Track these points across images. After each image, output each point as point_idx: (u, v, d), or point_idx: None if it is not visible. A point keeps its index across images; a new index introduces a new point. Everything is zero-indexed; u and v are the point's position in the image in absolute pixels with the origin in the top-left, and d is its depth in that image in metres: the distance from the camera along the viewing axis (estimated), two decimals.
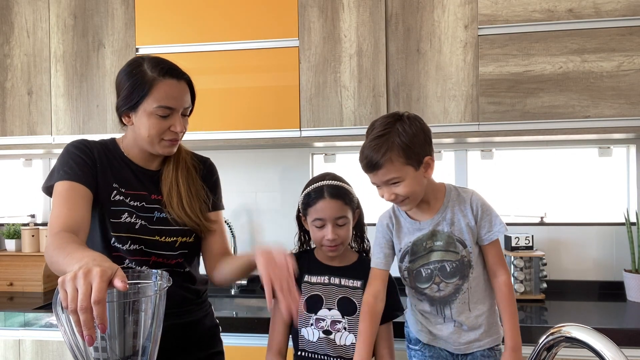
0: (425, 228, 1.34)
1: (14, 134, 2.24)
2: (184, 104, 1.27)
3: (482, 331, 1.35)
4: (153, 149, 1.27)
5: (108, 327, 0.78)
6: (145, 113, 1.23)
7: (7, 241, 2.42)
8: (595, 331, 0.59)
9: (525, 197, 2.31)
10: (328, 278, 1.43)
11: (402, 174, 1.25)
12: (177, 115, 1.25)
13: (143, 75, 1.22)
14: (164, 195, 1.31)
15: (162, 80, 1.22)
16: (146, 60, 1.25)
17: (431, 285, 1.34)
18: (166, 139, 1.26)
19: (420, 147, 1.26)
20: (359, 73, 2.01)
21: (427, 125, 1.31)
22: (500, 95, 1.93)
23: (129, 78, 1.24)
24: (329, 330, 1.39)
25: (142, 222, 1.27)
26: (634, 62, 1.86)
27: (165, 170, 1.34)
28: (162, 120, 1.23)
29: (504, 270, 1.33)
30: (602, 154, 2.25)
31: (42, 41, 2.22)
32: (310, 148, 2.39)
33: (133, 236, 1.26)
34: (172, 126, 1.25)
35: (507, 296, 1.32)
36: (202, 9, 2.10)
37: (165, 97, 1.22)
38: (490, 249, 1.33)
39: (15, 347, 1.97)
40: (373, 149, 1.25)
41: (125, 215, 1.25)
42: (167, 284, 0.88)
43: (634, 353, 1.60)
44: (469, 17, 1.95)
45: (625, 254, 2.14)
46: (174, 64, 1.29)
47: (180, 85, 1.26)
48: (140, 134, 1.26)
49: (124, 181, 1.29)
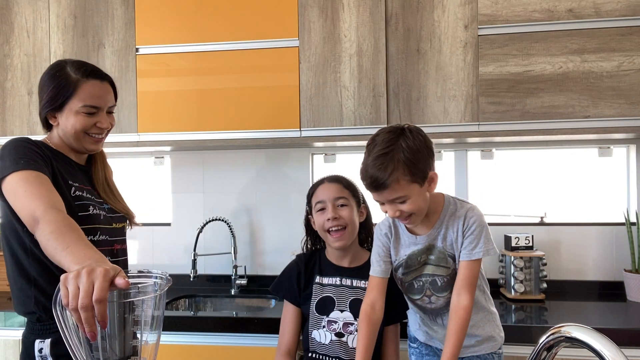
0: (420, 243, 1.32)
1: (14, 134, 2.24)
2: (108, 102, 1.34)
3: (478, 339, 1.35)
4: (79, 144, 1.33)
5: (108, 327, 0.78)
6: (72, 112, 1.29)
7: None
8: (595, 331, 0.59)
9: (525, 197, 2.31)
10: (340, 279, 1.43)
11: (408, 192, 1.21)
12: (102, 113, 1.33)
13: (67, 77, 1.28)
14: (100, 190, 1.40)
15: (86, 81, 1.29)
16: (69, 63, 1.31)
17: (422, 297, 1.34)
18: (92, 134, 1.32)
19: (424, 163, 1.23)
20: (359, 73, 2.01)
21: (429, 136, 1.27)
22: (500, 95, 1.93)
23: (52, 80, 1.29)
24: (341, 333, 1.38)
25: (103, 212, 1.35)
26: (634, 62, 1.86)
27: (94, 167, 1.43)
28: (88, 117, 1.30)
29: (470, 295, 1.25)
30: (602, 154, 2.25)
31: (42, 41, 2.22)
32: (310, 148, 2.39)
33: (100, 227, 1.32)
34: (98, 122, 1.32)
35: (461, 322, 1.23)
36: (202, 9, 2.10)
37: (90, 97, 1.29)
38: (464, 267, 1.26)
39: (15, 347, 1.97)
40: (378, 168, 1.20)
41: (91, 208, 1.31)
42: (167, 283, 0.88)
43: (634, 353, 1.60)
44: (469, 17, 1.95)
45: (625, 254, 2.14)
46: (96, 66, 1.36)
47: (104, 85, 1.33)
48: (67, 131, 1.31)
49: (75, 176, 1.33)
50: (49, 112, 1.31)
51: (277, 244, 2.40)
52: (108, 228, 1.35)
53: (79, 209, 1.28)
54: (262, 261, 2.43)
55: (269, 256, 2.42)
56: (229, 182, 2.46)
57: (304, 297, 1.44)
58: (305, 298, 1.43)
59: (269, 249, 2.42)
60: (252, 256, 2.43)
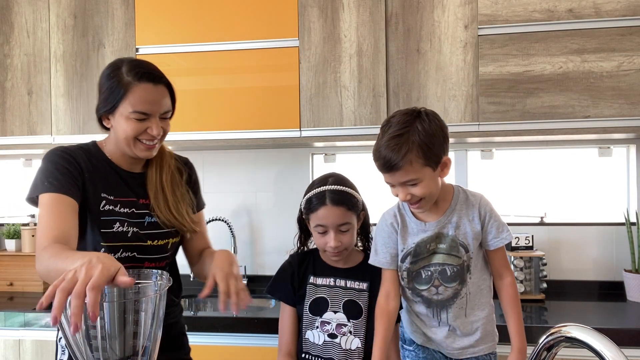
0: (430, 230, 1.31)
1: (14, 134, 2.24)
2: (162, 108, 1.25)
3: (477, 338, 1.33)
4: (131, 151, 1.26)
5: (108, 327, 0.78)
6: (122, 117, 1.22)
7: (7, 241, 2.42)
8: (595, 331, 0.59)
9: (525, 197, 2.31)
10: (334, 280, 1.42)
11: (421, 175, 1.21)
12: (154, 119, 1.23)
13: (120, 79, 1.21)
14: (151, 199, 1.30)
15: (138, 85, 1.20)
16: (125, 63, 1.24)
17: (430, 287, 1.32)
18: (144, 140, 1.24)
19: (439, 147, 1.22)
20: (359, 73, 2.01)
21: (444, 122, 1.27)
22: (500, 95, 1.93)
23: (107, 80, 1.23)
24: (334, 334, 1.38)
25: (134, 229, 1.26)
26: (634, 62, 1.86)
27: (149, 173, 1.33)
28: (139, 123, 1.22)
29: (510, 272, 1.34)
30: (602, 154, 2.25)
31: (42, 41, 2.22)
32: (310, 148, 2.39)
33: (125, 244, 1.24)
34: (148, 129, 1.23)
35: (513, 297, 1.32)
36: (202, 9, 2.10)
37: (140, 102, 1.20)
38: (496, 254, 1.33)
39: (15, 347, 1.97)
40: (392, 149, 1.19)
41: (117, 225, 1.24)
42: (168, 283, 0.87)
43: (634, 353, 1.60)
44: (469, 17, 1.95)
45: (625, 254, 2.14)
46: (154, 66, 1.26)
47: (158, 89, 1.24)
48: (118, 136, 1.24)
49: (113, 188, 1.27)
50: (103, 114, 1.25)
51: (277, 244, 2.40)
52: (137, 245, 1.27)
53: (103, 225, 1.23)
54: (262, 261, 2.43)
55: (268, 256, 2.42)
56: (229, 182, 2.46)
57: (298, 297, 1.44)
58: (300, 298, 1.43)
59: (268, 249, 2.42)
60: (252, 256, 2.43)
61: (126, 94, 1.20)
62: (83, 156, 1.26)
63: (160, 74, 1.26)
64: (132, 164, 1.32)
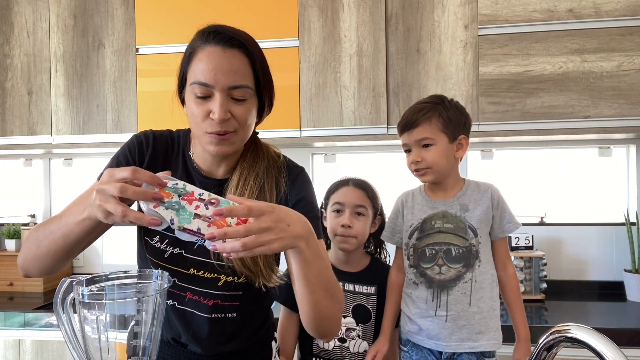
0: (437, 207, 1.37)
1: (14, 134, 2.24)
2: (229, 79, 0.88)
3: (477, 331, 1.31)
4: (202, 145, 0.95)
5: (109, 327, 0.77)
6: (188, 94, 0.93)
7: (7, 241, 2.42)
8: (595, 331, 0.59)
9: (525, 197, 2.31)
10: (342, 284, 1.42)
11: (436, 138, 1.31)
12: (217, 96, 0.89)
13: (190, 44, 0.94)
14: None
15: (202, 48, 0.90)
16: (204, 27, 0.94)
17: (433, 266, 1.34)
18: (208, 131, 0.91)
19: (458, 123, 1.34)
20: (359, 73, 2.01)
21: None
22: (500, 95, 1.93)
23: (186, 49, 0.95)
24: (343, 338, 1.39)
25: (176, 249, 0.98)
26: (634, 62, 1.86)
27: (231, 182, 0.99)
28: (202, 101, 0.90)
29: (512, 264, 1.40)
30: (602, 154, 2.25)
31: (42, 41, 2.22)
32: (310, 148, 2.39)
33: (162, 265, 0.99)
34: (210, 112, 0.89)
35: (517, 288, 1.37)
36: (202, 9, 2.10)
37: (201, 70, 0.89)
38: (501, 243, 1.38)
39: (15, 347, 1.97)
40: (415, 110, 1.33)
41: (156, 239, 0.99)
42: (168, 283, 0.87)
43: (634, 353, 1.60)
44: (469, 17, 1.95)
45: (625, 254, 2.14)
46: (231, 28, 0.93)
47: (227, 54, 0.89)
48: (190, 123, 0.96)
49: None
50: (178, 96, 0.99)
51: None
52: (177, 271, 0.98)
53: (145, 232, 1.01)
54: None
55: None
56: None
57: None
58: None
59: None
60: None
61: (190, 61, 0.92)
62: (161, 147, 1.02)
63: (238, 35, 0.91)
64: (213, 164, 1.01)
